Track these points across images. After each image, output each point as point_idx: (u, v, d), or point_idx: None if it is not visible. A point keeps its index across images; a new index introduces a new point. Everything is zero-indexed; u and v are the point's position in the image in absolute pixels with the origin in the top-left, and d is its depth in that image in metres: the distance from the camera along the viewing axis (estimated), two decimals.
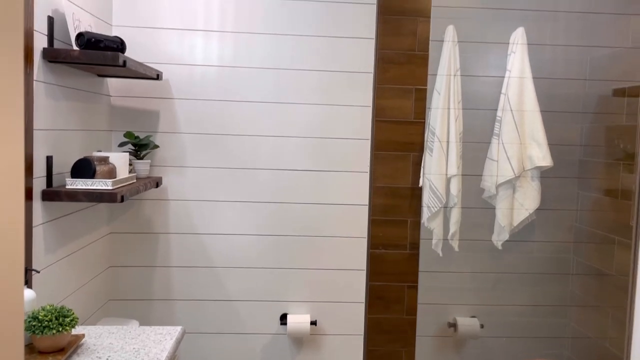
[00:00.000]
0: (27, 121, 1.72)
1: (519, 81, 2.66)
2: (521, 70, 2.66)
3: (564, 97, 2.74)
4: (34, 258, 1.84)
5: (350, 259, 2.74)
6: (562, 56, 2.72)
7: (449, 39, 2.65)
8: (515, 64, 2.66)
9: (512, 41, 2.68)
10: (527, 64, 2.65)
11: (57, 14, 1.96)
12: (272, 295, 2.73)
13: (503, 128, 2.66)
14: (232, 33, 2.61)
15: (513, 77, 2.64)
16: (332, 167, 2.71)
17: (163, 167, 2.63)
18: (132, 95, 2.59)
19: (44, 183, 1.93)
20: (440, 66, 2.65)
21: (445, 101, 2.63)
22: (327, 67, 2.66)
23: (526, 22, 2.67)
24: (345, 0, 2.64)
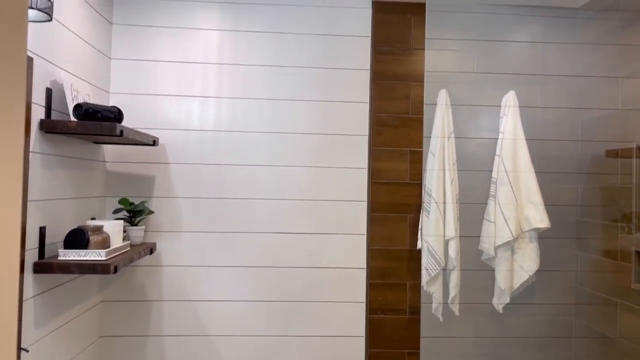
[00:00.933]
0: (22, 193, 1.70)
1: (513, 143, 2.68)
2: (514, 132, 2.69)
3: (558, 158, 2.76)
4: (23, 333, 1.78)
5: (348, 325, 2.67)
6: (554, 118, 2.77)
7: (442, 102, 2.69)
8: (507, 126, 2.69)
9: (503, 104, 2.73)
10: (520, 126, 2.69)
11: (56, 85, 1.97)
12: None
13: (499, 189, 2.66)
14: (228, 99, 2.64)
15: (506, 139, 2.67)
16: (328, 229, 2.68)
17: (157, 233, 2.59)
18: (128, 161, 2.59)
19: (36, 255, 1.89)
20: (434, 128, 2.68)
21: (440, 163, 2.64)
22: (323, 130, 2.69)
23: (517, 85, 2.72)
24: (339, 66, 2.70)
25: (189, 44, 2.63)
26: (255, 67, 2.66)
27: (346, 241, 2.69)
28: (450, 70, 2.77)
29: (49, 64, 1.93)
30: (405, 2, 2.74)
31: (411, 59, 2.75)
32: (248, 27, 2.66)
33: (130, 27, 2.61)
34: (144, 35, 2.61)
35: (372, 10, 2.73)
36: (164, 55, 2.62)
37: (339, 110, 2.70)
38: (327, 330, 2.66)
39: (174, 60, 2.62)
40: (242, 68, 2.65)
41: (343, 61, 2.70)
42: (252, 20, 2.66)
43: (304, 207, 2.67)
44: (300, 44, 2.68)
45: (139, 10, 2.61)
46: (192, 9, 2.64)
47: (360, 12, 2.71)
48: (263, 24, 2.67)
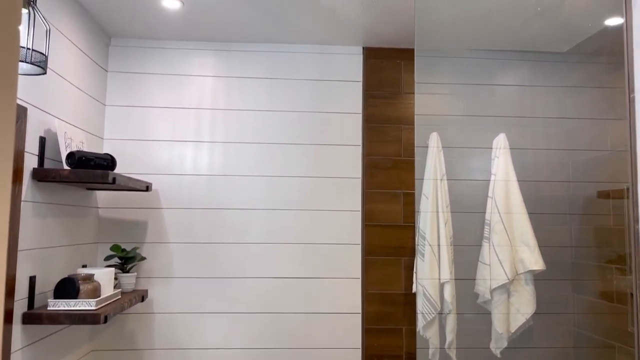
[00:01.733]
0: (12, 243, 1.69)
1: (505, 184, 2.70)
2: (506, 173, 2.71)
3: (550, 200, 2.78)
4: None
5: None
6: (545, 159, 2.80)
7: (433, 145, 2.72)
8: (499, 168, 2.71)
9: (494, 146, 2.75)
10: (511, 168, 2.71)
11: (50, 133, 1.98)
12: None
13: (493, 231, 2.66)
14: (221, 143, 2.66)
15: (498, 181, 2.69)
16: (323, 273, 2.66)
17: (149, 279, 2.56)
18: (120, 207, 2.58)
19: (26, 305, 1.85)
20: (427, 171, 2.70)
21: (433, 205, 2.65)
22: (317, 173, 2.70)
23: (507, 127, 2.76)
24: (332, 110, 2.73)
25: (183, 89, 2.67)
26: (249, 112, 2.69)
27: (341, 285, 2.66)
28: (441, 113, 2.81)
29: (44, 113, 1.94)
30: (395, 48, 2.80)
31: (402, 102, 2.79)
32: (241, 73, 2.71)
33: (125, 74, 2.64)
34: (139, 82, 2.65)
35: (363, 55, 2.79)
36: (158, 101, 2.65)
37: (332, 153, 2.72)
38: None
39: (167, 105, 2.65)
40: (236, 113, 2.68)
41: (336, 105, 2.74)
42: (245, 66, 2.71)
43: (298, 250, 2.66)
44: (293, 89, 2.72)
45: (134, 57, 2.65)
46: (186, 56, 2.68)
47: (351, 58, 2.77)
48: (256, 70, 2.71)
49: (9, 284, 1.67)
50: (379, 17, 2.39)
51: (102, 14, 2.33)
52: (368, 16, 2.38)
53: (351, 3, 2.24)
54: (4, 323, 1.65)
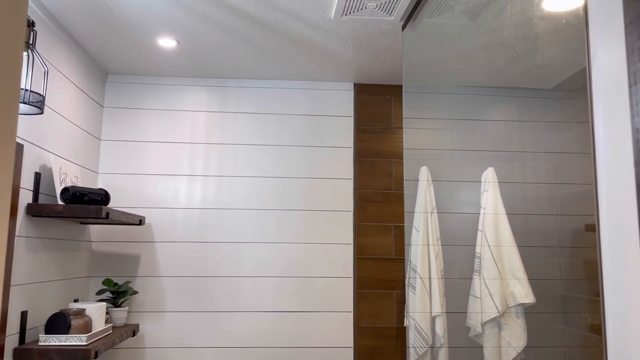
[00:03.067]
0: (5, 278, 1.70)
1: (494, 217, 2.74)
2: (495, 207, 2.75)
3: (539, 232, 2.81)
4: None
5: None
6: (533, 193, 2.84)
7: (423, 179, 2.77)
8: (488, 202, 2.76)
9: (483, 179, 2.80)
10: (500, 202, 2.75)
11: (45, 169, 2.02)
12: None
13: (483, 264, 2.68)
14: (215, 177, 2.70)
15: (488, 214, 2.73)
16: (314, 307, 2.67)
17: (141, 313, 2.56)
18: (113, 240, 2.60)
19: (17, 340, 1.85)
20: (417, 204, 2.74)
21: (424, 238, 2.68)
22: (309, 207, 2.73)
23: (495, 161, 2.82)
24: (324, 144, 2.78)
25: (177, 124, 2.72)
26: (242, 146, 2.74)
27: (333, 319, 2.67)
28: (430, 147, 2.87)
29: (39, 149, 1.98)
30: (384, 84, 2.87)
31: (392, 137, 2.85)
32: (235, 108, 2.76)
33: (120, 110, 2.69)
34: (134, 117, 2.70)
35: (354, 91, 2.86)
36: (152, 136, 2.69)
37: (324, 187, 2.76)
38: None
39: (162, 140, 2.70)
40: (229, 147, 2.73)
41: (327, 139, 2.79)
42: (239, 101, 2.77)
43: (290, 284, 2.67)
44: (286, 124, 2.78)
45: (130, 93, 2.71)
46: (180, 92, 2.74)
47: (343, 94, 2.84)
48: (250, 105, 2.77)
49: (0, 319, 1.68)
50: (368, 55, 2.47)
51: (99, 52, 2.40)
52: (358, 55, 2.45)
53: (342, 43, 2.31)
54: None
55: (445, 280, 2.69)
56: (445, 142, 2.85)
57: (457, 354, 2.66)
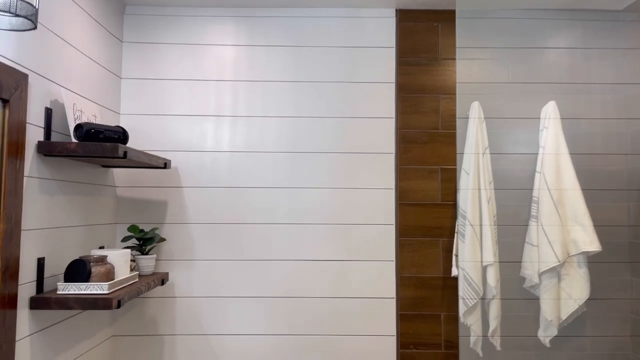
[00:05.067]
0: (14, 222, 1.55)
1: (555, 158, 2.44)
2: (556, 146, 2.45)
3: (606, 174, 2.50)
4: None
5: None
6: (600, 130, 2.52)
7: (474, 116, 2.48)
8: (548, 140, 2.46)
9: (543, 116, 2.50)
10: (562, 140, 2.45)
11: (57, 105, 1.84)
12: None
13: (541, 209, 2.41)
14: (244, 117, 2.48)
15: (548, 154, 2.43)
16: (353, 256, 2.47)
17: (169, 262, 2.42)
18: (139, 185, 2.44)
19: (34, 289, 1.73)
20: (467, 144, 2.47)
21: (475, 181, 2.42)
22: (346, 149, 2.50)
23: (557, 95, 2.49)
24: (362, 79, 2.52)
25: (202, 60, 2.50)
26: (273, 83, 2.50)
27: (373, 268, 2.47)
28: (483, 80, 2.56)
29: (48, 82, 1.79)
30: (431, 10, 2.55)
31: (439, 69, 2.55)
32: (264, 41, 2.51)
33: (141, 45, 2.48)
34: (156, 53, 2.49)
35: (396, 19, 2.55)
36: (177, 73, 2.48)
37: (362, 127, 2.51)
38: None
39: (186, 78, 2.48)
40: (259, 84, 2.50)
41: (366, 74, 2.52)
42: (268, 33, 2.51)
43: (327, 231, 2.47)
44: (320, 57, 2.52)
45: (150, 27, 2.49)
46: (204, 24, 2.50)
47: (383, 22, 2.54)
48: (280, 37, 2.52)
49: (12, 266, 1.54)
50: None
51: None
52: None
53: None
54: (5, 308, 1.52)
55: (498, 227, 2.43)
56: (501, 74, 2.53)
57: (510, 305, 2.43)
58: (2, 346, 1.50)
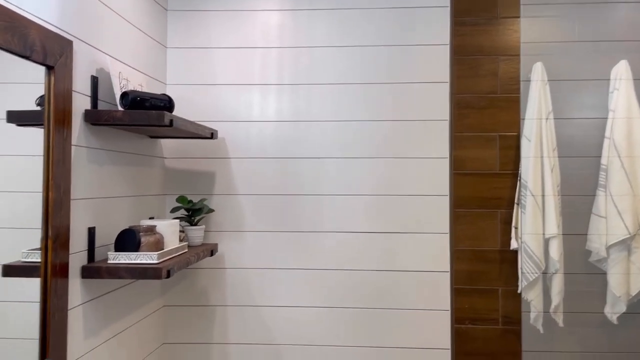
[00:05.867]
0: (63, 191, 1.54)
1: (626, 122, 2.25)
2: (628, 109, 2.26)
3: None
4: (70, 346, 1.62)
5: (431, 335, 2.36)
6: None
7: (537, 78, 2.31)
8: (619, 103, 2.27)
9: (613, 77, 2.30)
10: (635, 102, 2.26)
11: (103, 74, 1.82)
12: None
13: (611, 178, 2.24)
14: (290, 85, 2.41)
15: (618, 118, 2.25)
16: (405, 228, 2.38)
17: (219, 233, 2.40)
18: (186, 157, 2.42)
19: (85, 258, 1.73)
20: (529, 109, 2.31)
21: (537, 149, 2.27)
22: (397, 116, 2.38)
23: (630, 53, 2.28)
24: (413, 42, 2.38)
25: (248, 27, 2.42)
26: (319, 49, 2.40)
27: (426, 241, 2.37)
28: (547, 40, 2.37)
29: (94, 50, 1.77)
30: None
31: (499, 29, 2.38)
32: (310, 4, 2.41)
33: (187, 13, 2.43)
34: (201, 21, 2.43)
35: None
36: (222, 42, 2.42)
37: (413, 93, 2.39)
38: (407, 341, 2.36)
39: (232, 46, 2.42)
40: (305, 50, 2.41)
41: (418, 36, 2.39)
42: None
43: (377, 203, 2.38)
44: (368, 20, 2.39)
45: None
46: None
47: None
48: (325, 0, 2.40)
49: (62, 235, 1.54)
50: None
51: None
52: None
53: None
54: (57, 277, 1.53)
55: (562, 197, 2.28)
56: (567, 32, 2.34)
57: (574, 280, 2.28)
58: (55, 315, 1.51)
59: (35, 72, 1.46)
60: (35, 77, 1.47)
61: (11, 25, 1.29)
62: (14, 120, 1.45)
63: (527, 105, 2.29)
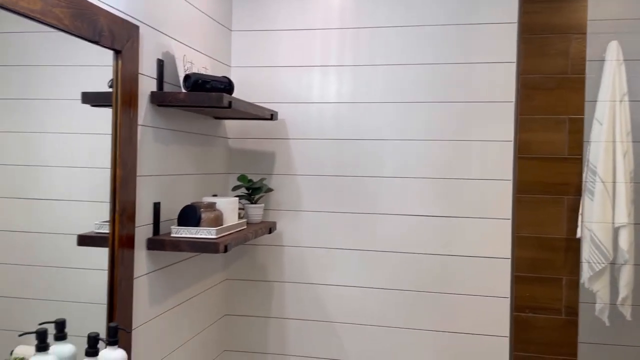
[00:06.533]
0: (130, 168, 1.65)
1: None
2: None
3: None
4: (135, 311, 1.75)
5: (488, 322, 2.32)
6: None
7: (611, 58, 2.17)
8: None
9: None
10: None
11: (168, 57, 1.91)
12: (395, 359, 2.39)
13: None
14: (350, 67, 2.41)
15: None
16: (465, 212, 2.34)
17: (278, 211, 2.47)
18: (249, 137, 2.50)
19: (151, 231, 1.85)
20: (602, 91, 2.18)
21: (609, 133, 2.14)
22: (458, 97, 2.33)
23: None
24: (478, 20, 2.30)
25: (310, 9, 2.44)
26: (380, 30, 2.38)
27: (486, 226, 2.32)
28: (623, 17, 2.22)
29: (160, 35, 1.86)
30: None
31: (570, 5, 2.25)
32: None
33: None
34: (265, 5, 2.48)
35: None
36: (285, 24, 2.46)
37: (477, 73, 2.32)
38: (464, 326, 2.33)
39: (294, 28, 2.45)
40: (365, 31, 2.39)
41: (483, 15, 2.31)
42: None
43: (436, 186, 2.35)
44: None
45: None
46: None
47: None
48: None
49: (128, 209, 1.65)
50: None
51: None
52: None
53: None
54: (124, 248, 1.64)
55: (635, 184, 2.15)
56: None
57: None
58: (122, 282, 1.63)
59: (107, 56, 1.56)
60: (108, 60, 1.58)
61: (81, 12, 1.39)
62: (88, 101, 1.57)
63: (599, 86, 2.17)
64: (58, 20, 1.30)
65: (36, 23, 1.26)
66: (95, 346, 1.40)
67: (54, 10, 1.29)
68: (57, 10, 1.29)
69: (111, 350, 1.45)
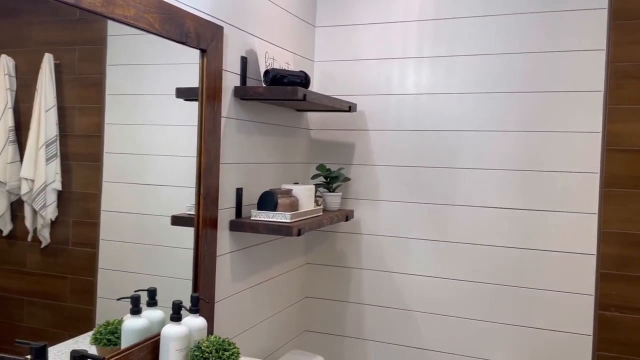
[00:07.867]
0: (213, 156, 1.82)
1: None
2: None
3: None
4: (218, 286, 1.93)
5: (570, 319, 2.25)
6: None
7: None
8: None
9: None
10: None
11: (251, 54, 2.06)
12: (472, 351, 2.39)
13: None
14: (429, 58, 2.43)
15: None
16: (547, 206, 2.27)
17: (356, 200, 2.56)
18: (329, 128, 2.61)
19: (234, 214, 2.02)
20: None
21: None
22: (542, 87, 2.27)
23: None
24: (564, 7, 2.22)
25: (391, 2, 2.49)
26: (460, 20, 2.37)
27: (570, 221, 2.24)
28: None
29: (243, 33, 2.01)
30: None
31: None
32: None
33: None
34: (348, 1, 2.56)
35: None
36: (366, 18, 2.53)
37: (562, 62, 2.24)
38: (545, 322, 2.28)
39: (374, 22, 2.52)
40: (445, 23, 2.40)
41: (570, 1, 2.22)
42: None
43: (518, 178, 2.31)
44: None
45: None
46: None
47: None
48: None
49: (211, 192, 1.83)
50: None
51: None
52: None
53: None
54: (207, 228, 1.82)
55: None
56: None
57: None
58: (205, 259, 1.81)
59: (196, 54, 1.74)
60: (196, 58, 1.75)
61: (169, 17, 1.57)
62: (181, 95, 1.76)
63: None
64: (149, 24, 1.49)
65: (131, 28, 1.45)
66: (178, 312, 1.58)
67: (146, 16, 1.47)
68: (148, 15, 1.48)
69: (193, 318, 1.64)
